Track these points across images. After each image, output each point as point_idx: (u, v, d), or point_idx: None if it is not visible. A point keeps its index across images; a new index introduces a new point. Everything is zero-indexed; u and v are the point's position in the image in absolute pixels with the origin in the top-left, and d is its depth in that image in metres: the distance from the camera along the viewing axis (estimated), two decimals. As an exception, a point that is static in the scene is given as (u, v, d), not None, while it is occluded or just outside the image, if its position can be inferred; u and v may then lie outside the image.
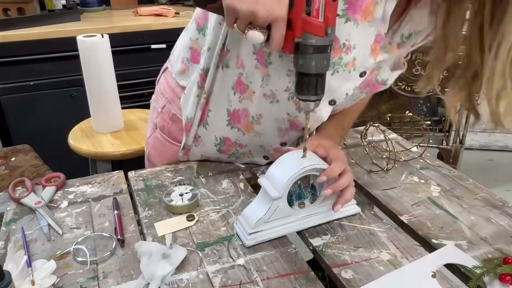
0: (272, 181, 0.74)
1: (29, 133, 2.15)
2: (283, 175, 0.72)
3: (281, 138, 0.91)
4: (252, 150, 0.97)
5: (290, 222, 0.77)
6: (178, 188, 0.87)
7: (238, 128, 0.91)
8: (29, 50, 2.04)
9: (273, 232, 0.76)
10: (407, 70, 2.03)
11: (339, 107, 0.88)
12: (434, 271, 0.67)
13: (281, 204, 0.74)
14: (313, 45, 0.61)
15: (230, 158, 1.00)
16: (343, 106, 0.88)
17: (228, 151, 0.97)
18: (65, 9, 2.51)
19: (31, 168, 1.65)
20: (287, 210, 0.76)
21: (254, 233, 0.74)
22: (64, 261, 0.71)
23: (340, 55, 0.73)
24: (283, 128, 0.88)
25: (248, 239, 0.74)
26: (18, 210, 0.84)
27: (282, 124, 0.87)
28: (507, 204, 0.86)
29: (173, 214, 0.82)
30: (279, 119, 0.86)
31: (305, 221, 0.78)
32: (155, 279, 0.65)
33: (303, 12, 0.60)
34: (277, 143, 0.92)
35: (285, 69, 0.76)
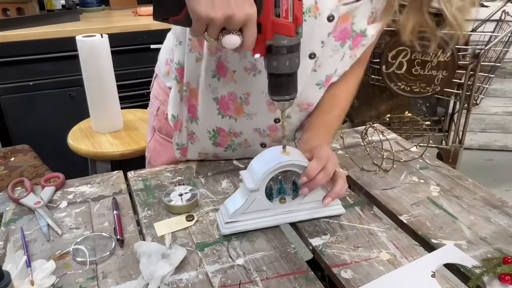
0: (251, 174, 0.76)
1: (28, 133, 2.15)
2: (260, 168, 0.74)
3: (273, 113, 0.89)
4: (248, 138, 0.96)
5: (269, 216, 0.78)
6: (178, 188, 0.87)
7: (229, 115, 0.91)
8: (28, 50, 2.04)
9: (250, 224, 0.78)
10: (407, 70, 2.04)
11: (327, 71, 0.85)
12: (433, 271, 0.68)
13: (259, 197, 0.76)
14: (286, 46, 0.62)
15: (227, 151, 0.99)
16: (328, 67, 0.85)
17: (223, 143, 0.97)
18: (64, 9, 2.51)
19: (30, 168, 1.65)
20: (265, 203, 0.77)
21: (230, 222, 0.76)
22: (63, 261, 0.71)
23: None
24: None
25: (225, 227, 0.76)
26: (17, 210, 0.84)
27: None
28: (507, 204, 0.86)
29: (173, 214, 0.82)
30: (266, 91, 0.85)
31: (285, 216, 0.79)
32: (154, 279, 0.65)
33: (272, 14, 0.61)
34: (270, 119, 0.90)
35: None
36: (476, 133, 2.96)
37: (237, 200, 0.78)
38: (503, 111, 2.89)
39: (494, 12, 2.33)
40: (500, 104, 2.88)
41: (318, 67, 0.84)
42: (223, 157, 1.02)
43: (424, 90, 2.08)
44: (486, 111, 2.89)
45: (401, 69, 2.05)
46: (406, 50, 1.99)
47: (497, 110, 2.90)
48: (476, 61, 2.02)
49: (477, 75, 2.06)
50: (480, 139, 2.98)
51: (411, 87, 2.08)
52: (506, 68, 2.76)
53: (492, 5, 2.36)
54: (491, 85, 2.41)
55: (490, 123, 2.94)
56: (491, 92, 2.79)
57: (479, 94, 2.23)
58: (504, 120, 2.92)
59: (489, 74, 2.17)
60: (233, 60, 0.82)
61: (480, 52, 2.00)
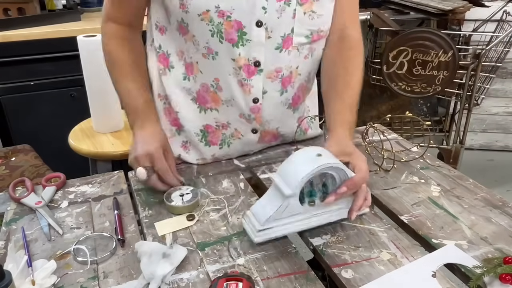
0: (285, 178, 0.73)
1: (29, 133, 2.15)
2: (297, 172, 0.71)
3: (248, 93, 0.91)
4: (237, 126, 0.97)
5: (299, 220, 0.76)
6: (179, 188, 0.87)
7: (210, 108, 0.94)
8: (29, 50, 2.04)
9: (282, 230, 0.75)
10: (408, 70, 2.04)
11: (280, 32, 0.86)
12: (434, 271, 0.67)
13: (293, 201, 0.73)
14: None
15: (223, 148, 1.00)
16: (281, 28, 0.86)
17: (216, 140, 0.98)
18: (65, 9, 2.51)
19: (31, 168, 1.65)
20: (297, 207, 0.75)
21: (263, 230, 0.73)
22: (64, 261, 0.71)
23: None
24: (241, 79, 0.89)
25: (257, 235, 0.73)
26: (18, 210, 0.84)
27: (236, 75, 0.88)
28: (507, 204, 0.85)
29: (174, 214, 0.82)
30: (231, 72, 0.88)
31: (316, 219, 0.77)
32: (155, 278, 0.65)
33: None
34: (249, 100, 0.92)
35: (197, 17, 0.83)
36: (477, 133, 2.96)
37: (268, 206, 0.74)
38: (504, 111, 2.89)
39: (495, 12, 2.33)
40: (501, 104, 2.88)
41: (270, 32, 0.85)
42: (222, 157, 1.02)
43: (425, 90, 2.07)
44: (487, 111, 2.89)
45: (402, 69, 2.04)
46: (407, 50, 1.99)
47: (498, 110, 2.90)
48: (477, 61, 2.01)
49: (478, 75, 2.06)
50: (481, 139, 2.98)
51: (412, 87, 2.08)
52: (507, 68, 2.76)
53: (493, 5, 2.36)
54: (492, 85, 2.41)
55: (491, 123, 2.93)
56: (492, 92, 2.79)
57: (480, 94, 2.23)
58: (505, 120, 2.91)
59: (490, 74, 2.17)
60: (193, 53, 0.88)
61: (481, 52, 2.00)
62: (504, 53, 2.14)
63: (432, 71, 2.01)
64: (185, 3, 0.83)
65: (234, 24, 0.83)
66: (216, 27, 0.84)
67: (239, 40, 0.85)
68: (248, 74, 0.88)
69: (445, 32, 1.97)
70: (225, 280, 0.62)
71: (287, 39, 0.87)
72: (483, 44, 2.13)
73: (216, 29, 0.84)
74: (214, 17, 0.83)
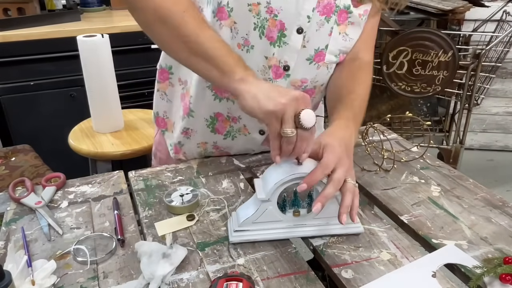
0: (264, 183, 0.74)
1: (29, 133, 2.15)
2: (272, 178, 0.72)
3: None
4: (246, 123, 0.96)
5: (281, 228, 0.75)
6: (179, 188, 0.87)
7: (226, 98, 0.93)
8: (29, 50, 2.04)
9: (260, 234, 0.75)
10: (408, 70, 2.04)
11: (315, 45, 0.86)
12: (434, 271, 0.67)
13: (271, 207, 0.73)
14: None
15: (227, 139, 0.99)
16: (316, 41, 0.86)
17: (223, 129, 0.98)
18: (65, 9, 2.51)
19: (31, 168, 1.65)
20: (277, 215, 0.74)
21: (240, 230, 0.74)
22: (64, 261, 0.71)
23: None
24: (268, 78, 0.89)
25: (233, 235, 0.75)
26: (18, 210, 0.84)
27: (264, 73, 0.88)
28: (507, 204, 0.85)
29: (173, 214, 0.82)
30: (260, 68, 0.88)
31: (298, 230, 0.76)
32: (155, 279, 0.65)
33: None
34: None
35: (246, 6, 0.81)
36: (477, 133, 2.96)
37: (248, 208, 0.75)
38: (504, 111, 2.89)
39: (495, 12, 2.33)
40: (501, 104, 2.88)
41: (306, 42, 0.86)
42: (223, 147, 1.01)
43: (425, 90, 2.07)
44: (487, 111, 2.89)
45: (401, 69, 2.04)
46: (406, 50, 1.99)
47: (498, 110, 2.90)
48: (477, 61, 2.01)
49: (478, 75, 2.06)
50: (481, 139, 2.98)
51: (412, 87, 2.08)
52: (507, 68, 2.76)
53: (493, 5, 2.36)
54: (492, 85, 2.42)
55: (491, 123, 2.94)
56: (492, 92, 2.79)
57: (480, 94, 2.23)
58: (505, 120, 2.92)
59: (490, 74, 2.17)
60: (226, 41, 0.81)
61: (481, 52, 2.00)
62: (504, 53, 2.14)
63: (432, 71, 2.01)
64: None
65: (278, 23, 0.83)
66: (261, 21, 0.83)
67: (277, 40, 0.85)
68: (275, 75, 0.89)
69: (445, 32, 1.97)
70: (225, 280, 0.62)
71: (320, 53, 0.88)
72: (483, 44, 2.13)
73: (260, 24, 0.83)
74: (262, 11, 0.82)
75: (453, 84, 2.10)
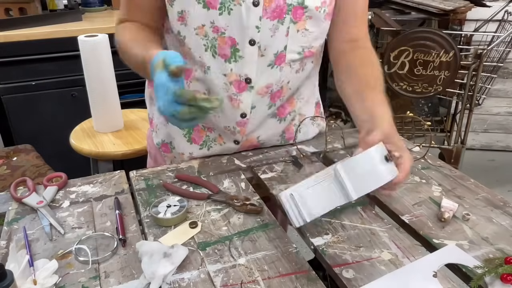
0: (354, 178, 0.71)
1: (30, 132, 2.15)
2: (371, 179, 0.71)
3: (237, 108, 0.92)
4: (221, 133, 0.98)
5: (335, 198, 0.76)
6: (167, 198, 0.84)
7: None
8: (30, 50, 2.04)
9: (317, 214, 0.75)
10: (409, 70, 2.04)
11: (273, 50, 0.86)
12: (435, 271, 0.67)
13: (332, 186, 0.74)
14: None
15: (202, 149, 1.01)
16: (274, 46, 0.86)
17: (199, 139, 0.99)
18: (66, 9, 2.52)
19: (33, 168, 1.66)
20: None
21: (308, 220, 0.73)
22: (65, 260, 0.71)
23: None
24: (231, 94, 0.90)
25: (301, 223, 0.73)
26: (20, 209, 0.84)
27: (226, 90, 0.90)
28: (509, 204, 0.85)
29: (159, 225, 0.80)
30: (221, 86, 0.90)
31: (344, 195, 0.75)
32: (156, 278, 0.65)
33: None
34: (237, 115, 0.93)
35: (193, 31, 0.84)
36: (478, 133, 2.96)
37: (324, 201, 0.74)
38: (505, 111, 2.89)
39: (496, 12, 2.33)
40: (502, 105, 2.88)
41: (264, 50, 0.86)
42: (198, 157, 1.02)
43: (426, 90, 2.07)
44: (488, 112, 2.89)
45: (403, 69, 2.04)
46: (408, 50, 1.99)
47: (499, 111, 2.89)
48: (479, 61, 2.01)
49: (479, 75, 2.05)
50: (482, 140, 2.98)
51: (413, 87, 2.08)
52: (509, 68, 2.75)
53: (495, 5, 2.36)
54: (494, 85, 2.41)
55: (492, 124, 2.93)
56: (494, 93, 2.79)
57: (481, 95, 2.23)
58: (506, 121, 2.91)
59: (492, 74, 2.17)
60: (190, 64, 0.90)
61: (483, 52, 2.00)
62: (506, 53, 2.14)
63: (434, 71, 2.01)
64: (184, 16, 0.84)
65: (228, 40, 0.84)
66: (210, 41, 0.85)
67: (232, 56, 0.86)
68: (238, 89, 0.90)
69: (446, 32, 1.97)
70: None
71: (280, 56, 0.88)
72: (485, 44, 2.13)
73: (210, 44, 0.85)
74: (209, 32, 0.84)
75: (455, 84, 2.10)
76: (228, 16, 0.81)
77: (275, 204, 0.88)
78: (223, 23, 0.82)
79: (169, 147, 1.05)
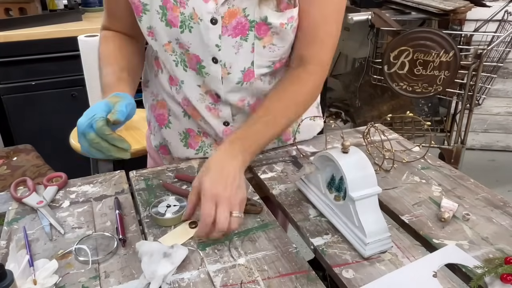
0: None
1: (30, 132, 2.15)
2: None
3: (216, 117, 0.93)
4: (216, 140, 0.98)
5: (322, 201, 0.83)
6: (166, 198, 0.84)
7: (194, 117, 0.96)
8: (30, 50, 2.04)
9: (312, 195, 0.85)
10: (409, 70, 2.04)
11: (240, 67, 0.85)
12: (435, 271, 0.68)
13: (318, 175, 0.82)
14: None
15: (198, 154, 1.00)
16: (239, 62, 0.84)
17: (195, 145, 0.99)
18: (66, 9, 2.51)
19: (33, 168, 1.65)
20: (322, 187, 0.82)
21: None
22: (65, 260, 0.71)
23: (179, 11, 0.79)
24: (209, 104, 0.91)
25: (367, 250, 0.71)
26: (20, 209, 0.84)
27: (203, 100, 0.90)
28: (509, 204, 0.85)
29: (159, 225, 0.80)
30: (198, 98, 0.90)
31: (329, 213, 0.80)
32: (156, 278, 0.65)
33: None
34: (220, 124, 0.94)
35: (162, 47, 0.85)
36: (478, 133, 2.96)
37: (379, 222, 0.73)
38: (505, 111, 2.89)
39: (496, 12, 2.33)
40: (502, 105, 2.88)
41: (229, 68, 0.85)
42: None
43: (426, 90, 2.07)
44: (488, 112, 2.89)
45: (403, 69, 2.05)
46: (408, 50, 1.99)
47: (499, 111, 2.89)
48: (479, 61, 2.01)
49: (479, 75, 2.05)
50: (482, 140, 2.98)
51: (413, 87, 2.08)
52: (509, 68, 2.75)
53: (495, 5, 2.36)
54: (493, 85, 2.41)
55: (492, 124, 2.93)
56: (493, 93, 2.79)
57: (481, 94, 2.23)
58: (506, 121, 2.91)
59: (492, 74, 2.17)
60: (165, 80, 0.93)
61: (483, 52, 2.00)
62: (506, 53, 2.14)
63: (433, 71, 2.01)
64: (152, 31, 0.84)
65: (193, 56, 0.84)
66: (179, 56, 0.85)
67: (199, 71, 0.86)
68: (214, 100, 0.90)
69: (446, 32, 1.97)
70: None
71: (248, 72, 0.86)
72: (485, 44, 2.13)
73: (180, 59, 0.86)
74: (175, 48, 0.84)
75: (455, 84, 2.10)
76: (189, 33, 0.81)
77: (275, 204, 0.88)
78: (186, 40, 0.82)
79: (167, 149, 1.05)
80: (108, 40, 0.92)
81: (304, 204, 0.85)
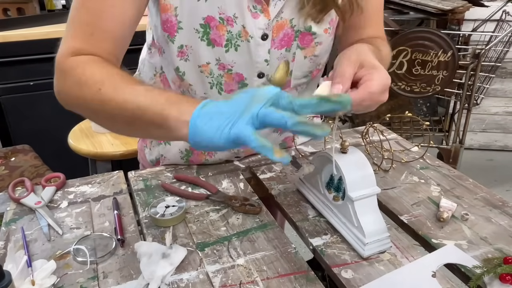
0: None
1: (28, 133, 2.15)
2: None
3: None
4: (222, 157, 0.97)
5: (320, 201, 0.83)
6: (166, 198, 0.84)
7: None
8: (28, 50, 2.04)
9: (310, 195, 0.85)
10: (407, 70, 2.04)
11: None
12: (434, 271, 0.68)
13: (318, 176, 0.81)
14: None
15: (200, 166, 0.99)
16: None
17: (197, 161, 0.98)
18: (65, 9, 2.51)
19: (31, 168, 1.65)
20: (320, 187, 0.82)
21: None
22: (64, 261, 0.71)
23: (225, 29, 0.76)
24: None
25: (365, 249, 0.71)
26: (18, 210, 0.84)
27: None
28: (507, 203, 0.86)
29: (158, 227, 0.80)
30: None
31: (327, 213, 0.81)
32: (155, 279, 0.65)
33: None
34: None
35: (197, 68, 0.81)
36: (477, 133, 2.96)
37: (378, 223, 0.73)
38: (503, 111, 2.90)
39: (494, 12, 2.33)
40: (500, 104, 2.88)
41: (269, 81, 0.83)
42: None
43: (424, 90, 2.08)
44: (486, 111, 2.90)
45: (401, 69, 2.05)
46: (406, 50, 1.99)
47: (498, 110, 2.90)
48: (477, 61, 2.02)
49: (477, 75, 2.06)
50: (480, 139, 2.98)
51: (412, 87, 2.08)
52: (507, 68, 2.76)
53: (493, 5, 2.36)
54: (492, 85, 2.42)
55: (491, 123, 2.94)
56: (492, 92, 2.79)
57: (479, 94, 2.23)
58: (504, 120, 2.92)
59: (490, 74, 2.17)
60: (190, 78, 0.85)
61: (481, 52, 2.00)
62: (504, 52, 2.14)
63: (432, 71, 2.01)
64: (185, 51, 0.79)
65: (235, 76, 0.81)
66: (215, 79, 0.82)
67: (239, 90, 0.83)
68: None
69: (444, 32, 1.97)
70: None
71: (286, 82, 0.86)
72: (483, 44, 2.13)
73: (216, 81, 0.82)
74: (214, 69, 0.80)
75: (453, 84, 2.11)
76: (235, 52, 0.78)
77: (274, 204, 0.88)
78: (230, 60, 0.79)
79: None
80: (96, 62, 0.69)
81: (303, 204, 0.85)
